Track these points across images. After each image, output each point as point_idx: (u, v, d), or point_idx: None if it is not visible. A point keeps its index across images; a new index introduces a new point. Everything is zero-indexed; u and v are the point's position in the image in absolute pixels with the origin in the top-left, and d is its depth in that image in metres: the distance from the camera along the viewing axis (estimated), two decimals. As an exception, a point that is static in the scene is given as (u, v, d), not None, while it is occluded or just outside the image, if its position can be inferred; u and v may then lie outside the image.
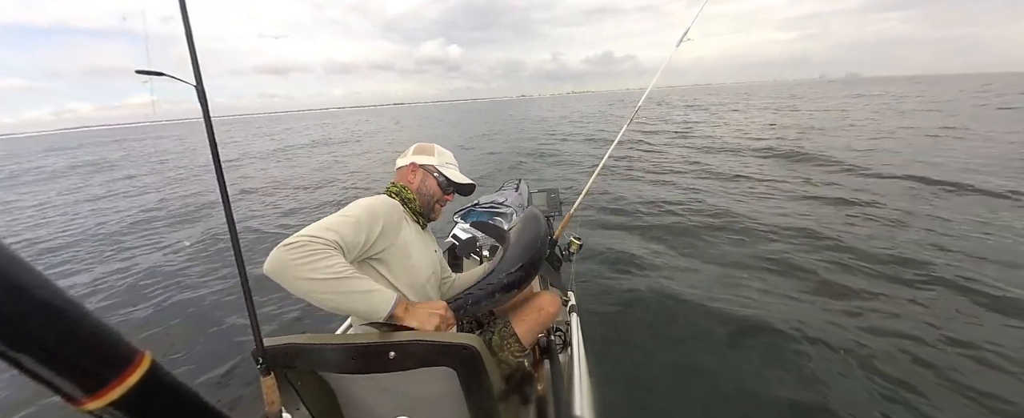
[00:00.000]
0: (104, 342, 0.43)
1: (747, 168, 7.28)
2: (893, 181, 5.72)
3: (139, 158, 19.23)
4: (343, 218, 1.01)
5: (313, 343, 0.94)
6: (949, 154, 7.27)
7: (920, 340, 2.31)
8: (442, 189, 1.32)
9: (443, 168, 1.32)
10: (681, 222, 4.62)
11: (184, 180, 11.33)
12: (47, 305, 0.40)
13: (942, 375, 2.05)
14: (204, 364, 2.76)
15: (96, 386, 0.42)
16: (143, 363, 0.45)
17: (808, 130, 12.14)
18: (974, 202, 4.67)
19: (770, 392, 2.01)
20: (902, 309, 2.64)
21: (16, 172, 16.67)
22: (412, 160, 1.32)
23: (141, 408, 0.45)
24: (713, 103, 29.51)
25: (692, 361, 2.27)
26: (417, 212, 1.28)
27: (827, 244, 3.67)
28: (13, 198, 10.20)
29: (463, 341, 0.90)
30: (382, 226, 1.07)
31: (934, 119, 13.39)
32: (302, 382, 1.05)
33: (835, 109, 19.43)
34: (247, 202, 7.84)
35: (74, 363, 0.41)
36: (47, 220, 7.52)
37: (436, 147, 1.37)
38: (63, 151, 29.61)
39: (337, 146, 18.32)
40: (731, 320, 2.61)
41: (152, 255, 5.48)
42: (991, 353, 2.16)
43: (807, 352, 2.27)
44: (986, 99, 20.97)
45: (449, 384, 0.98)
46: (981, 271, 3.00)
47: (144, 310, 3.80)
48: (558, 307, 1.47)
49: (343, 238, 0.95)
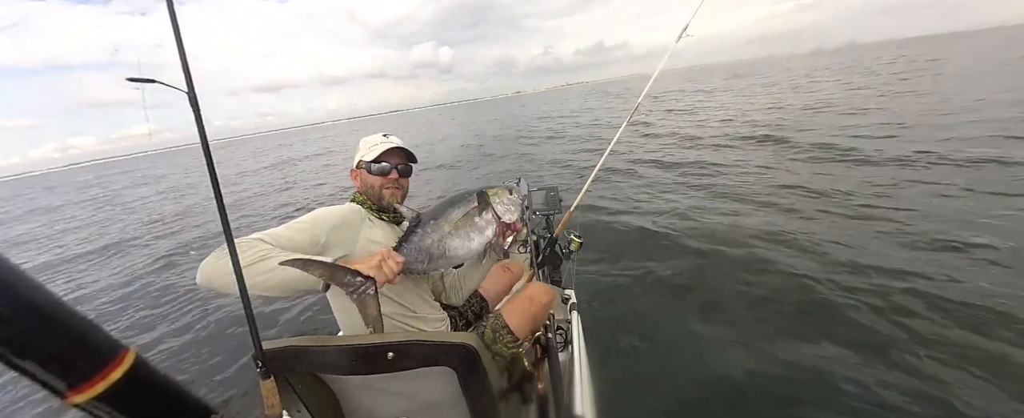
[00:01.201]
0: (88, 338, 0.44)
1: (728, 158, 7.19)
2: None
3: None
4: (284, 223, 1.03)
5: (313, 345, 0.95)
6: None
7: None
8: (377, 173, 1.27)
9: (366, 156, 1.28)
10: (685, 220, 4.59)
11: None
12: (31, 302, 0.41)
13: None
14: (204, 368, 2.79)
15: (80, 380, 0.43)
16: (127, 358, 0.46)
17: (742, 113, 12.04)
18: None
19: (771, 392, 1.98)
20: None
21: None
22: (354, 166, 1.32)
23: (126, 401, 0.45)
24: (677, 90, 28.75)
25: (693, 360, 2.25)
26: (376, 209, 1.27)
27: (830, 238, 3.62)
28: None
29: (462, 341, 0.91)
30: (329, 230, 1.06)
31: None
32: (303, 385, 1.06)
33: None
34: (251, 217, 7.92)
35: (58, 358, 0.42)
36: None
37: (362, 141, 1.35)
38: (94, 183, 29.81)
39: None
40: (733, 319, 2.58)
41: (154, 261, 5.55)
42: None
43: (808, 350, 2.25)
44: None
45: (449, 384, 0.98)
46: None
47: (145, 313, 3.84)
48: (551, 296, 1.46)
49: (273, 236, 0.95)
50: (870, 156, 5.82)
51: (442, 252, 1.19)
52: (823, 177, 5.34)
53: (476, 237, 1.24)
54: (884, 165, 5.38)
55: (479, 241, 1.24)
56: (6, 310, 0.39)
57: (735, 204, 4.85)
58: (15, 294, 0.40)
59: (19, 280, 0.41)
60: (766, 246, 3.59)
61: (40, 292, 0.42)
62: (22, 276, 0.42)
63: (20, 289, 0.41)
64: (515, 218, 1.30)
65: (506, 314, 1.32)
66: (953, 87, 11.55)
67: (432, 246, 1.16)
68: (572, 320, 1.83)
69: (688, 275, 3.27)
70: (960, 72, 15.91)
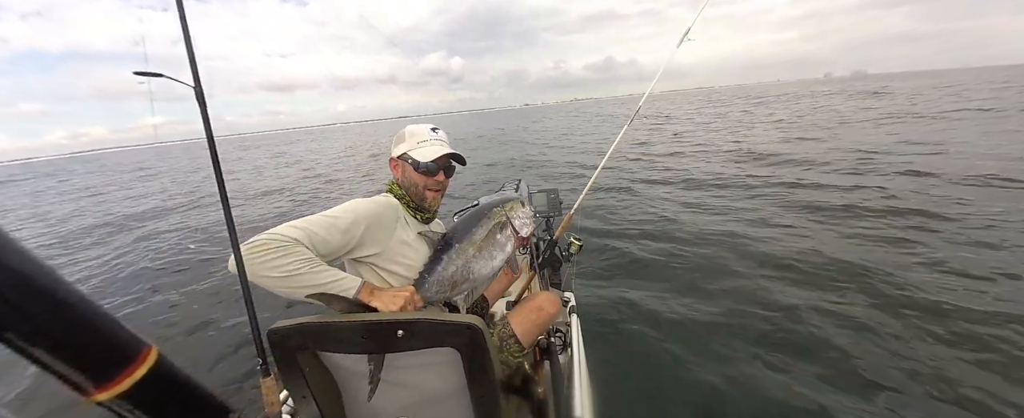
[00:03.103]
0: (114, 336, 0.45)
1: (733, 172, 7.22)
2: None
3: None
4: (321, 217, 1.00)
5: (323, 321, 0.95)
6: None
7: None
8: (424, 173, 1.19)
9: (414, 151, 1.19)
10: (685, 223, 4.62)
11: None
12: (60, 300, 0.42)
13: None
14: (206, 364, 2.78)
15: (106, 378, 0.44)
16: (150, 356, 0.47)
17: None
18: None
19: (772, 394, 2.00)
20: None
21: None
22: (393, 155, 1.25)
23: (148, 399, 0.46)
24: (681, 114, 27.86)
25: (693, 362, 2.26)
26: (412, 207, 1.23)
27: (832, 246, 3.66)
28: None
29: (467, 321, 0.92)
30: (364, 228, 1.03)
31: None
32: (309, 368, 1.05)
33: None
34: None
35: (85, 356, 0.43)
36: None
37: (407, 129, 1.25)
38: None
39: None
40: (734, 320, 2.61)
41: (157, 254, 5.52)
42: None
43: (810, 352, 2.27)
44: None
45: (451, 377, 0.98)
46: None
47: (145, 310, 3.82)
48: (558, 307, 1.46)
49: (311, 236, 0.94)
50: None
51: (466, 277, 1.20)
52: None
53: (498, 256, 1.26)
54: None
55: (501, 259, 1.26)
56: (37, 308, 0.39)
57: (740, 214, 4.87)
58: (46, 292, 0.41)
59: (48, 278, 0.42)
60: (771, 248, 3.61)
61: (68, 289, 0.43)
62: (51, 274, 0.42)
63: (50, 286, 0.41)
64: (531, 232, 1.32)
65: (514, 323, 1.30)
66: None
67: (456, 273, 1.18)
68: (571, 323, 1.84)
69: (690, 277, 3.29)
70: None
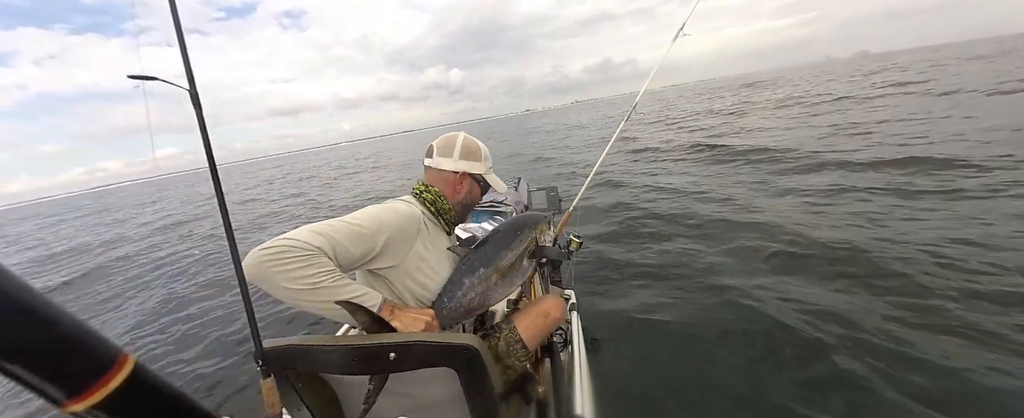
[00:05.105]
0: (85, 345, 0.43)
1: (736, 162, 7.20)
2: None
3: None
4: (344, 224, 0.96)
5: (313, 344, 0.94)
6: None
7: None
8: (483, 190, 1.27)
9: (488, 176, 1.24)
10: (684, 217, 4.60)
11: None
12: (26, 308, 0.40)
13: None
14: (205, 366, 2.78)
15: (78, 389, 0.42)
16: (126, 365, 0.45)
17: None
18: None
19: (772, 392, 1.98)
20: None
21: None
22: (462, 168, 1.19)
23: (125, 410, 0.44)
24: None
25: (694, 359, 2.24)
26: (450, 221, 1.20)
27: (839, 239, 3.63)
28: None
29: (464, 342, 0.90)
30: (386, 240, 1.01)
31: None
32: (304, 383, 1.05)
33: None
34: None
35: (55, 366, 0.41)
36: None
37: (481, 148, 1.23)
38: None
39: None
40: (735, 317, 2.58)
41: (159, 262, 5.52)
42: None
43: (811, 349, 2.25)
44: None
45: (451, 385, 0.97)
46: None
47: (146, 313, 3.82)
48: (563, 311, 1.44)
49: (334, 245, 0.91)
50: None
51: (482, 304, 1.17)
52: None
53: (517, 281, 1.24)
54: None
55: (519, 282, 1.24)
56: (7, 320, 0.38)
57: (740, 205, 4.85)
58: (12, 301, 0.39)
59: (14, 285, 0.40)
60: (771, 242, 3.58)
61: (33, 295, 0.41)
62: (16, 281, 0.40)
63: (13, 292, 0.40)
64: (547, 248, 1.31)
65: (521, 328, 1.27)
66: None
67: (474, 300, 1.14)
68: (572, 320, 1.83)
69: (690, 273, 3.27)
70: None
